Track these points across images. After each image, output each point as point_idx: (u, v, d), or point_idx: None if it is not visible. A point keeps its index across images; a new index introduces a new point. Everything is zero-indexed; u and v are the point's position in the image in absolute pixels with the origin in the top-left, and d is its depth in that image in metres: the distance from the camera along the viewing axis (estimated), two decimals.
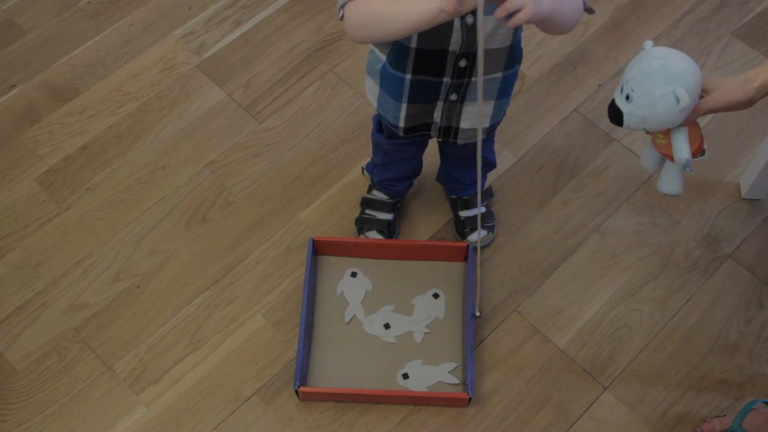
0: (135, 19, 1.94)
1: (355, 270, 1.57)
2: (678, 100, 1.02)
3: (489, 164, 1.53)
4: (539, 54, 1.86)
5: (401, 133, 1.32)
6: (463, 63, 1.17)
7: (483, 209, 1.61)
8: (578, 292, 1.57)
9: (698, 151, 1.11)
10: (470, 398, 1.40)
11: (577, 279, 1.58)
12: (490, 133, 1.33)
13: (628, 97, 1.05)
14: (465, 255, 1.55)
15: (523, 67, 1.84)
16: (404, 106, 1.26)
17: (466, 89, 1.22)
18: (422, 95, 1.23)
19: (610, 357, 1.50)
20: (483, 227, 1.59)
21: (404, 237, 1.63)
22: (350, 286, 1.55)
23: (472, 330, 1.44)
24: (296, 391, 1.41)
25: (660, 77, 1.02)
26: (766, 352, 1.50)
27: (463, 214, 1.60)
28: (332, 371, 1.47)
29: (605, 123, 1.75)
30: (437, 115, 1.28)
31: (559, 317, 1.54)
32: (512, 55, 1.21)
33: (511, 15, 0.98)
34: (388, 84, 1.25)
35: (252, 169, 1.71)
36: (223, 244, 1.62)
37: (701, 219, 1.65)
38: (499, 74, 1.22)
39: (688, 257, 1.60)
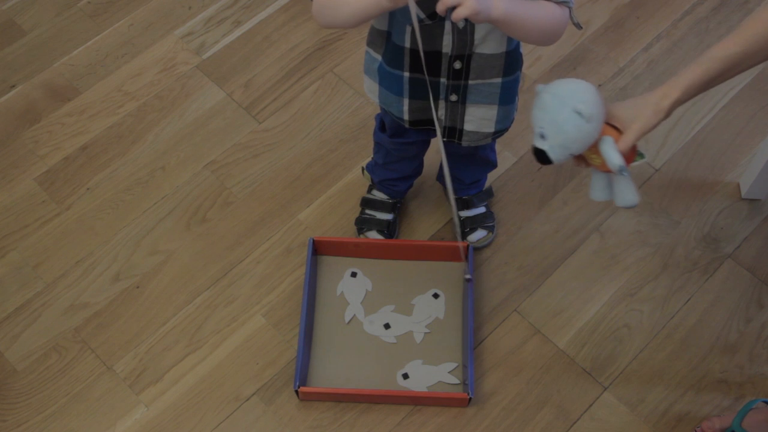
0: (135, 19, 1.94)
1: (355, 270, 1.57)
2: (581, 114, 1.07)
3: (490, 164, 1.53)
4: (539, 54, 1.86)
5: (407, 126, 1.32)
6: (458, 65, 1.18)
7: (483, 209, 1.61)
8: (578, 292, 1.57)
9: (633, 157, 1.15)
10: (470, 398, 1.40)
11: (577, 279, 1.58)
12: (494, 136, 1.34)
13: (542, 136, 1.11)
14: (465, 255, 1.55)
15: (523, 67, 1.83)
16: (406, 101, 1.27)
17: (466, 91, 1.23)
18: (423, 92, 1.24)
19: (610, 357, 1.50)
20: (483, 227, 1.59)
21: (404, 237, 1.63)
22: (350, 286, 1.55)
23: (472, 330, 1.44)
24: (296, 391, 1.41)
25: (555, 105, 1.09)
26: (766, 352, 1.50)
27: (464, 214, 1.60)
28: (332, 371, 1.47)
29: None
30: (441, 114, 1.28)
31: (559, 317, 1.54)
32: (511, 62, 1.21)
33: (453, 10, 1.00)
34: (387, 81, 1.26)
35: (252, 169, 1.71)
36: (223, 244, 1.62)
37: (701, 219, 1.65)
38: (499, 80, 1.22)
39: (688, 257, 1.60)
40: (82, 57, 1.88)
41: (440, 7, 1.00)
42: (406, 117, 1.30)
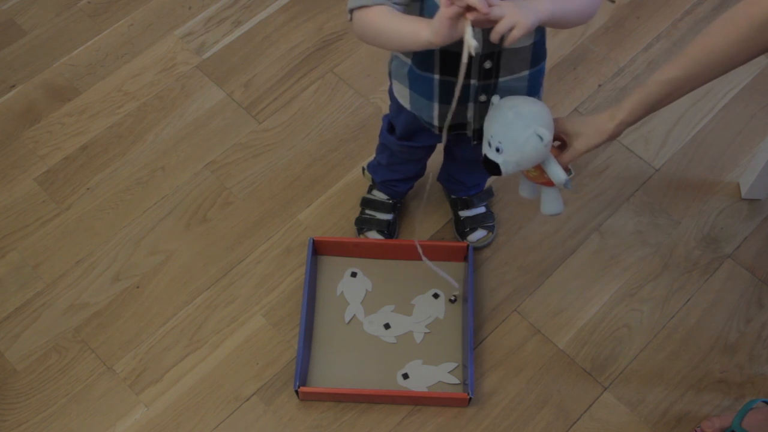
0: (135, 19, 1.94)
1: (355, 270, 1.57)
2: (541, 138, 1.12)
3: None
4: None
5: (437, 132, 1.30)
6: (488, 64, 1.16)
7: (483, 209, 1.61)
8: (578, 292, 1.57)
9: (566, 172, 1.21)
10: (470, 398, 1.40)
11: (577, 279, 1.58)
12: None
13: (498, 149, 1.15)
14: (465, 255, 1.55)
15: None
16: (436, 106, 1.25)
17: (495, 90, 1.21)
18: (453, 96, 1.22)
19: (610, 357, 1.50)
20: (483, 227, 1.59)
21: (404, 237, 1.63)
22: (350, 286, 1.55)
23: (472, 330, 1.44)
24: (296, 391, 1.41)
25: (518, 124, 1.13)
26: (766, 352, 1.50)
27: (464, 214, 1.60)
28: (332, 371, 1.47)
29: None
30: (470, 116, 1.26)
31: (559, 317, 1.54)
32: (536, 53, 1.20)
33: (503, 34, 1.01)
34: (418, 86, 1.24)
35: (252, 169, 1.71)
36: (223, 244, 1.62)
37: (701, 219, 1.65)
38: (526, 72, 1.21)
39: (688, 257, 1.60)
40: (82, 57, 1.88)
41: (494, 36, 1.00)
42: (436, 123, 1.28)
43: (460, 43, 1.09)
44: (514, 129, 1.13)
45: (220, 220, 1.65)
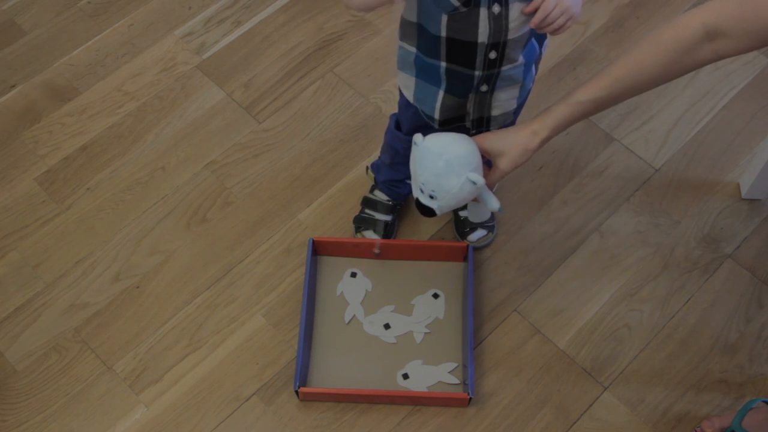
0: (135, 19, 1.94)
1: (355, 270, 1.57)
2: (475, 183, 1.15)
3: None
4: None
5: (437, 126, 1.31)
6: (493, 55, 1.16)
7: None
8: (578, 292, 1.57)
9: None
10: (470, 398, 1.40)
11: (577, 279, 1.58)
12: (516, 111, 1.33)
13: (431, 197, 1.18)
14: (465, 255, 1.55)
15: None
16: (441, 94, 1.25)
17: (497, 79, 1.22)
18: (457, 86, 1.23)
19: (610, 357, 1.50)
20: (483, 227, 1.59)
21: (404, 237, 1.63)
22: (350, 286, 1.55)
23: (472, 330, 1.44)
24: (296, 392, 1.41)
25: (450, 173, 1.15)
26: (766, 352, 1.50)
27: (463, 214, 1.60)
28: (332, 371, 1.47)
29: (605, 123, 1.75)
30: (470, 107, 1.27)
31: (559, 317, 1.54)
32: (531, 36, 1.21)
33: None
34: (425, 73, 1.24)
35: (252, 169, 1.71)
36: (223, 244, 1.62)
37: (701, 219, 1.65)
38: (522, 58, 1.21)
39: (688, 257, 1.60)
40: (82, 57, 1.88)
41: (549, 29, 1.09)
42: (437, 116, 1.29)
43: (466, 31, 1.10)
44: (446, 179, 1.15)
45: (220, 220, 1.65)
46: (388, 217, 1.59)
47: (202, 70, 1.85)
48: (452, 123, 1.30)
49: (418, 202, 1.21)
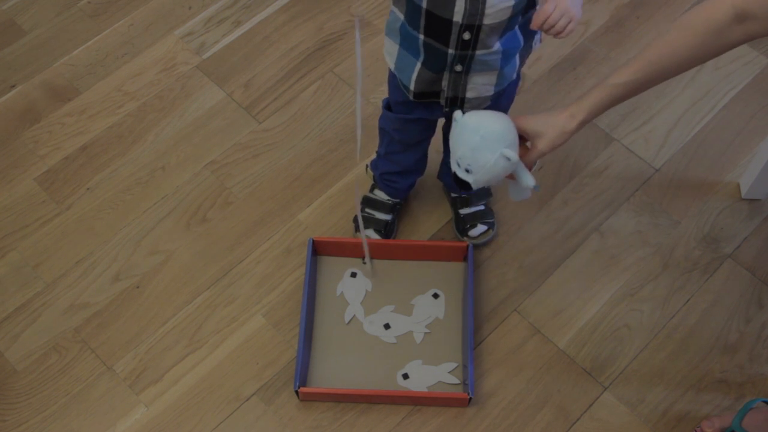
0: (135, 19, 1.94)
1: (355, 270, 1.57)
2: (509, 158, 1.17)
3: None
4: (539, 54, 1.86)
5: (411, 97, 1.33)
6: (466, 36, 1.18)
7: (482, 207, 1.61)
8: (578, 292, 1.57)
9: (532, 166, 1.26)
10: (470, 398, 1.40)
11: (577, 279, 1.58)
12: (492, 98, 1.34)
13: (467, 170, 1.21)
14: (465, 255, 1.55)
15: (524, 67, 1.84)
16: (418, 66, 1.27)
17: (471, 61, 1.24)
18: (433, 61, 1.25)
19: (610, 357, 1.50)
20: (483, 223, 1.59)
21: (404, 237, 1.63)
22: (350, 286, 1.55)
23: (472, 330, 1.44)
24: (296, 392, 1.41)
25: (485, 148, 1.18)
26: (766, 352, 1.50)
27: (463, 211, 1.60)
28: (332, 371, 1.47)
29: (605, 123, 1.75)
30: (444, 84, 1.29)
31: (559, 317, 1.54)
32: (511, 25, 1.23)
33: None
34: (407, 43, 1.26)
35: (252, 169, 1.71)
36: (223, 244, 1.62)
37: (701, 219, 1.65)
38: (498, 45, 1.23)
39: (688, 257, 1.60)
40: (82, 57, 1.88)
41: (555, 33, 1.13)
42: (412, 87, 1.31)
43: (443, 7, 1.14)
44: (481, 153, 1.18)
45: (220, 220, 1.65)
46: (388, 216, 1.59)
47: (202, 70, 1.85)
48: (426, 97, 1.33)
49: (455, 176, 1.24)
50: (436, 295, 1.54)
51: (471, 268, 1.51)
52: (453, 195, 1.61)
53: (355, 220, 1.61)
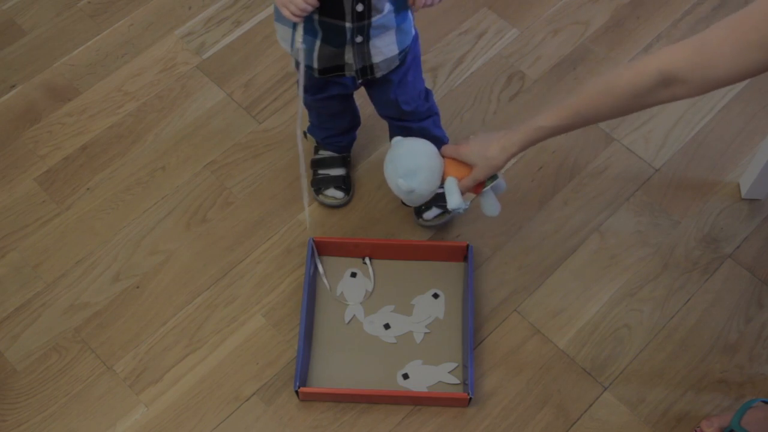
0: (135, 19, 1.94)
1: (355, 270, 1.57)
2: (400, 186, 1.33)
3: (439, 141, 1.47)
4: (539, 54, 1.86)
5: (317, 75, 1.36)
6: (360, 7, 1.23)
7: (440, 189, 1.55)
8: (578, 292, 1.57)
9: (482, 186, 1.34)
10: (470, 398, 1.41)
11: (577, 279, 1.58)
12: (400, 56, 1.36)
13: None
14: (465, 255, 1.55)
15: (523, 67, 1.84)
16: (318, 44, 1.30)
17: (369, 30, 1.28)
18: (332, 37, 1.29)
19: (610, 357, 1.50)
20: (438, 206, 1.59)
21: (404, 237, 1.63)
22: (350, 286, 1.55)
23: (472, 330, 1.44)
24: (296, 392, 1.41)
25: (392, 174, 1.35)
26: (766, 352, 1.50)
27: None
28: (332, 371, 1.47)
29: (605, 123, 1.75)
30: (349, 57, 1.32)
31: (559, 317, 1.54)
32: None
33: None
34: (305, 25, 1.27)
35: (252, 169, 1.71)
36: (223, 244, 1.62)
37: (701, 219, 1.65)
38: (388, 4, 1.26)
39: (688, 257, 1.60)
40: (82, 57, 1.88)
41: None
42: (315, 65, 1.34)
43: None
44: (390, 180, 1.36)
45: (220, 220, 1.65)
46: (341, 171, 1.63)
47: (202, 70, 1.85)
48: (331, 72, 1.36)
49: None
50: (436, 295, 1.54)
51: (471, 268, 1.51)
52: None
53: (313, 183, 1.64)
